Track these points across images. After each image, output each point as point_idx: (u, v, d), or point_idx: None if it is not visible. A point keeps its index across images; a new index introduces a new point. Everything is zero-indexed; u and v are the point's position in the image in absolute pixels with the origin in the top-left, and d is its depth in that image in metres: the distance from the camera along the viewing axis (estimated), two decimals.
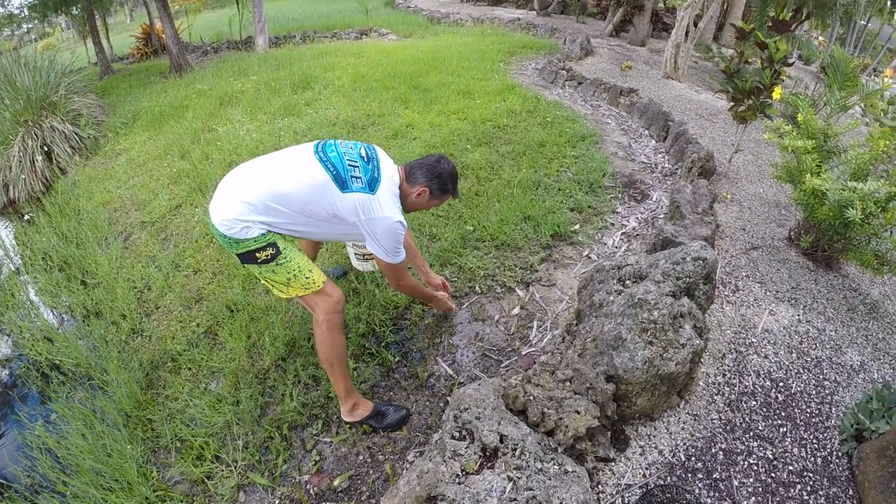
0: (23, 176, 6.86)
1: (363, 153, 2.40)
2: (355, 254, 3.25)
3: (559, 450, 1.90)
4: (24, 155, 6.99)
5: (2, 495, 2.68)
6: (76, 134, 7.48)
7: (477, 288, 3.45)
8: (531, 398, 2.03)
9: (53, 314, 4.35)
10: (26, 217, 6.12)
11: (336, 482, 2.39)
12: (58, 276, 4.62)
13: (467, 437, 1.88)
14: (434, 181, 2.51)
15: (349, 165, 2.30)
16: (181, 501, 2.43)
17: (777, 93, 4.23)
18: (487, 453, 1.84)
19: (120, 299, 3.92)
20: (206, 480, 2.49)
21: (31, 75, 8.02)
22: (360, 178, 2.29)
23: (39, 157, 7.00)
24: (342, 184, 2.26)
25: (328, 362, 2.44)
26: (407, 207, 2.55)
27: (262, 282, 2.45)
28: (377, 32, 13.44)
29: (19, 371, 3.73)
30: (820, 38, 14.99)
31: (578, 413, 1.97)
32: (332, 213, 2.31)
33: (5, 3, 14.90)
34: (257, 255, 2.26)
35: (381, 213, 2.30)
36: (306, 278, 2.34)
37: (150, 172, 5.95)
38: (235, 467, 2.52)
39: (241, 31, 14.23)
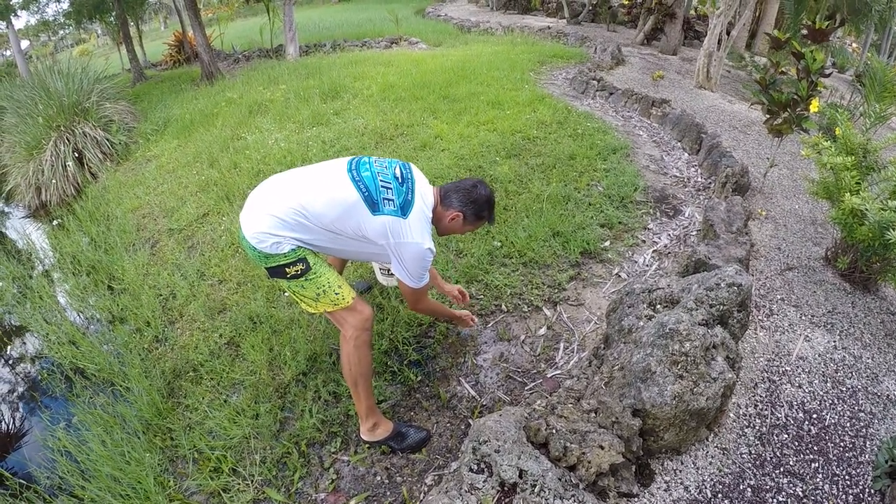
0: (54, 180, 7.00)
1: (398, 173, 2.34)
2: (380, 268, 3.21)
3: (581, 486, 1.83)
4: (56, 159, 7.13)
5: (21, 495, 2.70)
6: (107, 140, 7.61)
7: (503, 306, 3.39)
8: (553, 431, 1.96)
9: (79, 318, 4.40)
10: (55, 222, 6.23)
11: (352, 502, 2.35)
12: (85, 280, 4.68)
13: (486, 470, 1.82)
14: (469, 206, 2.45)
15: (382, 187, 2.26)
16: None
17: (815, 105, 4.11)
18: (506, 488, 1.77)
19: (145, 306, 3.93)
20: (222, 493, 2.46)
21: (65, 81, 8.19)
22: (392, 200, 2.24)
23: (71, 162, 7.13)
24: (373, 205, 2.22)
25: (352, 380, 2.40)
26: (440, 231, 2.52)
27: (290, 295, 2.43)
28: (407, 41, 13.46)
29: (44, 373, 3.77)
30: (853, 44, 14.69)
31: (602, 448, 1.89)
32: (361, 234, 2.27)
33: (40, 10, 15.28)
34: (287, 269, 2.24)
35: (411, 239, 2.24)
36: (336, 294, 2.31)
37: (179, 180, 6.00)
38: (252, 482, 2.49)
39: (271, 40, 14.38)
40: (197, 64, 12.39)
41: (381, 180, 2.27)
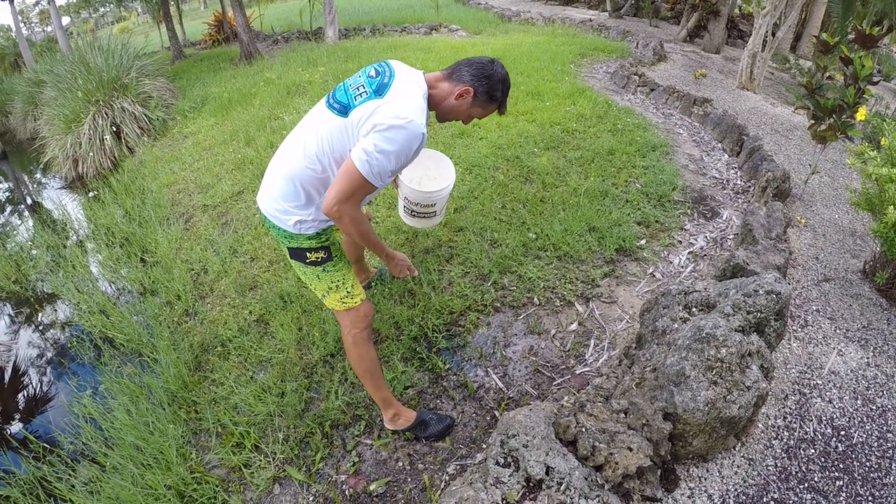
0: (91, 153, 7.13)
1: (371, 73, 2.04)
2: (404, 207, 2.88)
3: (606, 487, 1.81)
4: (94, 133, 7.27)
5: (44, 458, 2.76)
6: (145, 115, 7.73)
7: (535, 299, 3.36)
8: (583, 430, 1.94)
9: (111, 288, 4.48)
10: (91, 193, 6.34)
11: (373, 486, 2.36)
12: (118, 251, 4.76)
13: (512, 464, 1.81)
14: (482, 82, 2.11)
15: (353, 91, 2.01)
16: (217, 486, 2.44)
17: (862, 113, 3.99)
18: (531, 484, 1.76)
19: (176, 280, 3.99)
20: (243, 468, 2.50)
21: (105, 57, 8.32)
22: (364, 92, 1.96)
23: (108, 136, 7.25)
24: (346, 110, 1.97)
25: (360, 375, 2.40)
26: (442, 113, 2.19)
27: (304, 280, 2.34)
28: (447, 28, 13.41)
29: (73, 341, 3.85)
30: None
31: (630, 450, 1.86)
32: (354, 144, 2.00)
33: None
34: (308, 254, 2.18)
35: (392, 113, 1.87)
36: (347, 293, 2.25)
37: (215, 157, 6.07)
38: (273, 459, 2.52)
39: (311, 22, 14.43)
40: (236, 44, 12.50)
41: (353, 89, 2.03)
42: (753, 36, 7.62)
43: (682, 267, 3.62)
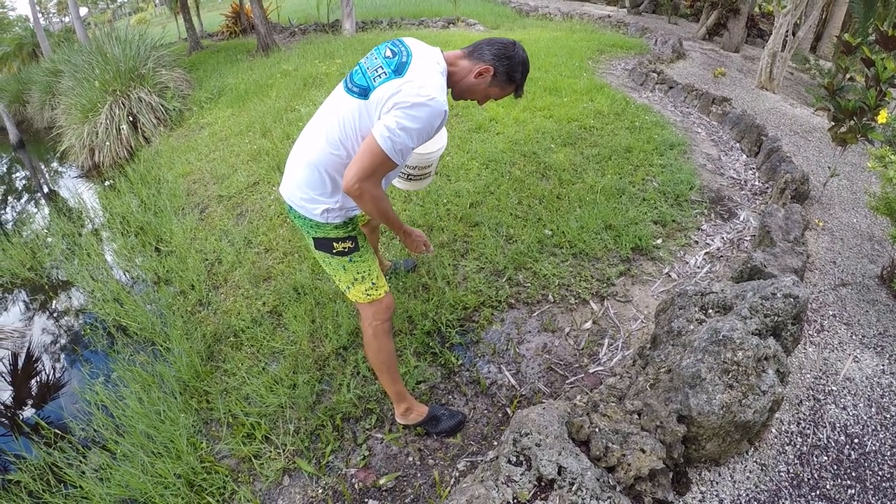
0: (108, 142, 7.20)
1: (388, 52, 1.99)
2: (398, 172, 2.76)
3: (618, 488, 1.79)
4: (111, 122, 7.34)
5: (56, 444, 2.78)
6: (162, 105, 7.78)
7: (550, 297, 3.34)
8: (596, 430, 1.92)
9: (125, 277, 4.51)
10: (107, 182, 6.39)
11: (382, 481, 2.36)
12: (133, 240, 4.80)
13: (524, 463, 1.80)
14: (502, 62, 2.08)
15: (372, 72, 1.97)
16: (226, 476, 2.46)
17: (883, 116, 3.94)
18: (543, 484, 1.75)
19: (191, 270, 4.01)
20: (252, 459, 2.51)
21: (122, 47, 8.39)
22: (384, 73, 1.92)
23: (125, 126, 7.32)
24: (366, 92, 1.93)
25: (376, 367, 2.38)
26: (459, 91, 2.15)
27: (328, 272, 2.31)
28: (464, 22, 13.37)
29: (87, 328, 3.88)
30: None
31: (644, 452, 1.84)
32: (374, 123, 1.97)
33: None
34: (335, 244, 2.16)
35: (415, 91, 1.84)
36: (372, 284, 2.23)
37: (231, 148, 6.09)
38: (283, 451, 2.53)
39: (328, 15, 14.44)
40: (253, 36, 12.56)
41: (370, 71, 1.98)
42: (773, 35, 7.53)
43: (699, 267, 3.58)
